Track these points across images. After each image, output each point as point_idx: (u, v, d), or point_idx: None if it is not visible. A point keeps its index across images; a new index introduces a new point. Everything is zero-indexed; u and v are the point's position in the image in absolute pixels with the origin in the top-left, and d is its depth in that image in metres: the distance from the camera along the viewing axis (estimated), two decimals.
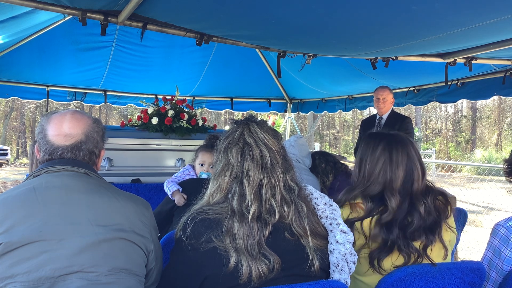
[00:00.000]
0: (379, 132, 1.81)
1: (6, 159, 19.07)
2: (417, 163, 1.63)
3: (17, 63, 4.76)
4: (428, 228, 1.55)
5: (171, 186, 2.51)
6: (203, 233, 1.23)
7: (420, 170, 1.62)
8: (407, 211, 1.56)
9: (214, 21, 2.67)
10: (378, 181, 1.62)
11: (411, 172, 1.61)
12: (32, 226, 1.15)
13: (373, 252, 1.52)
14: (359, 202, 1.62)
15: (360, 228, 1.56)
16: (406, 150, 1.63)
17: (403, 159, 1.62)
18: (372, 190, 1.62)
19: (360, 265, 1.56)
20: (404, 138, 1.69)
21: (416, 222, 1.54)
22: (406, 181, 1.60)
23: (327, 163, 3.18)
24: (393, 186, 1.59)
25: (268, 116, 9.12)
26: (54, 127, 1.36)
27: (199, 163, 2.63)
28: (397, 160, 1.62)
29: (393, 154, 1.63)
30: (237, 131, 1.37)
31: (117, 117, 28.78)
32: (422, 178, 1.62)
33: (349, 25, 2.46)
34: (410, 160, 1.62)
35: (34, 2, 2.38)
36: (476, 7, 1.97)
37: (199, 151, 2.66)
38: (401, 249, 1.51)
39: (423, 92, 4.96)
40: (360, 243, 1.56)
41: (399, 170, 1.60)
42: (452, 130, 30.56)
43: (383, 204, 1.58)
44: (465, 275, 1.49)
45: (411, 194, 1.59)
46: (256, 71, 5.94)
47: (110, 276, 1.18)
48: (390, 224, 1.52)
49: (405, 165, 1.61)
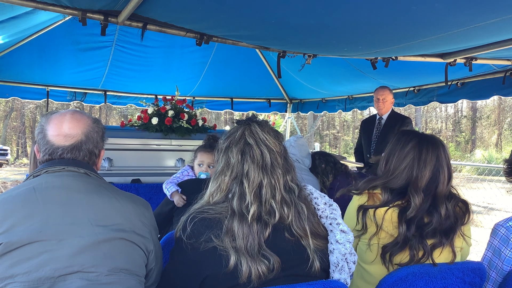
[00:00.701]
0: (413, 130, 1.83)
1: (6, 159, 19.07)
2: (445, 166, 1.64)
3: (17, 63, 4.76)
4: (443, 231, 1.56)
5: (170, 187, 2.51)
6: (203, 233, 1.23)
7: (447, 174, 1.64)
8: (427, 211, 1.57)
9: (214, 21, 2.67)
10: (402, 176, 1.64)
11: (437, 174, 1.62)
12: (32, 226, 1.15)
13: (387, 245, 1.54)
14: (378, 193, 1.64)
15: (373, 216, 1.58)
16: (436, 152, 1.65)
17: (431, 160, 1.63)
18: (393, 183, 1.64)
19: (370, 253, 1.59)
20: (437, 140, 1.71)
21: (434, 223, 1.55)
22: (431, 182, 1.61)
23: (327, 164, 3.17)
24: (418, 183, 1.61)
25: (268, 116, 9.12)
26: (54, 127, 1.36)
27: (198, 163, 2.64)
28: (425, 160, 1.63)
29: (423, 153, 1.64)
30: (238, 131, 1.37)
31: (117, 117, 28.78)
32: (447, 182, 1.63)
33: (349, 25, 2.46)
34: (438, 162, 1.64)
35: (34, 2, 2.38)
36: (476, 7, 1.97)
37: (198, 152, 2.67)
38: (413, 247, 1.52)
39: (423, 92, 4.96)
40: (372, 231, 1.58)
41: (426, 170, 1.62)
42: (452, 130, 30.56)
43: (400, 199, 1.60)
44: (465, 275, 1.49)
45: (435, 195, 1.61)
46: (256, 71, 5.94)
47: (110, 276, 1.18)
48: (409, 221, 1.54)
49: (433, 166, 1.63)
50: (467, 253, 1.74)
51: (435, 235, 1.55)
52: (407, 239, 1.53)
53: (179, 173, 2.76)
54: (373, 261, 1.59)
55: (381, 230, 1.57)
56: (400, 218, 1.56)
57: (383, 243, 1.57)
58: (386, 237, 1.57)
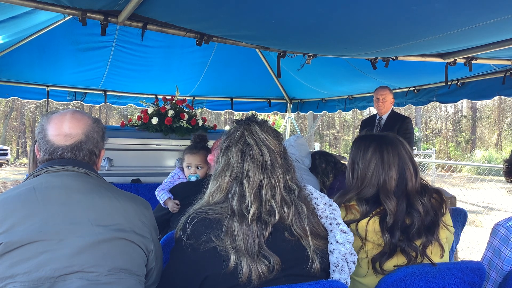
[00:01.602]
0: (369, 134, 1.79)
1: (6, 159, 19.07)
2: (409, 162, 1.62)
3: (17, 63, 4.76)
4: (426, 228, 1.54)
5: (162, 195, 2.49)
6: (203, 233, 1.23)
7: (413, 169, 1.61)
8: (406, 212, 1.55)
9: (214, 21, 2.67)
10: (372, 183, 1.61)
11: (403, 172, 1.60)
12: (32, 226, 1.15)
13: (375, 256, 1.52)
14: (354, 204, 1.61)
15: (356, 230, 1.54)
16: (397, 150, 1.62)
17: (394, 160, 1.61)
18: (366, 192, 1.61)
19: (360, 268, 1.56)
20: (394, 139, 1.68)
21: (416, 223, 1.53)
22: (400, 182, 1.59)
23: (327, 163, 3.17)
24: (387, 187, 1.58)
25: (268, 116, 9.12)
26: (54, 127, 1.36)
27: (186, 166, 2.63)
28: (388, 161, 1.60)
29: (384, 155, 1.61)
30: (238, 131, 1.37)
31: (117, 117, 28.77)
32: (415, 177, 1.61)
33: (349, 25, 2.46)
34: (401, 160, 1.61)
35: (34, 2, 2.38)
36: (476, 7, 1.97)
37: (185, 154, 2.65)
38: (405, 251, 1.50)
39: (423, 92, 4.96)
40: (357, 245, 1.54)
41: (392, 171, 1.59)
42: (452, 130, 30.55)
43: (378, 206, 1.57)
44: (465, 275, 1.49)
45: (407, 194, 1.58)
46: (256, 71, 5.94)
47: (110, 276, 1.18)
48: (392, 227, 1.51)
49: (397, 165, 1.60)
50: (451, 240, 1.72)
51: (420, 234, 1.53)
52: (394, 246, 1.50)
53: (170, 177, 2.75)
54: (365, 275, 1.56)
55: (367, 241, 1.54)
56: (382, 227, 1.52)
57: (371, 254, 1.54)
58: (373, 247, 1.54)
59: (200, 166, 2.57)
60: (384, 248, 1.51)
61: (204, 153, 2.58)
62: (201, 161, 2.57)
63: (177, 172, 2.76)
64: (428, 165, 13.25)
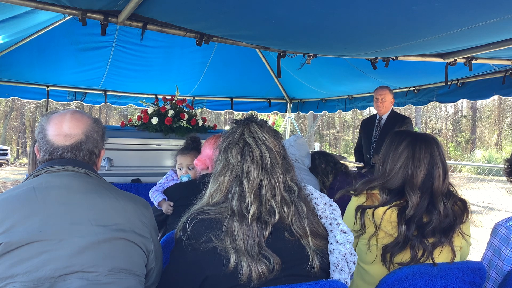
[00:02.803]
0: (405, 130, 1.85)
1: (6, 159, 19.07)
2: (439, 163, 1.65)
3: (17, 63, 4.75)
4: (442, 230, 1.56)
5: (156, 197, 2.51)
6: (203, 233, 1.23)
7: (442, 170, 1.64)
8: (426, 209, 1.58)
9: (214, 21, 2.67)
10: (398, 176, 1.65)
11: (432, 171, 1.63)
12: (32, 226, 1.15)
13: (388, 246, 1.54)
14: (376, 193, 1.65)
15: (372, 216, 1.58)
16: (430, 149, 1.66)
17: (425, 157, 1.64)
18: (391, 183, 1.65)
19: (369, 253, 1.58)
20: (430, 138, 1.72)
21: (434, 222, 1.55)
22: (427, 179, 1.62)
23: (327, 163, 3.17)
24: (414, 181, 1.61)
25: (268, 116, 9.12)
26: (54, 127, 1.36)
27: (178, 167, 2.66)
28: (419, 157, 1.64)
29: (416, 151, 1.66)
30: (237, 131, 1.37)
31: (117, 117, 28.77)
32: (443, 178, 1.64)
33: (349, 25, 2.46)
34: (432, 159, 1.65)
35: (34, 2, 2.38)
36: (476, 7, 1.97)
37: (176, 155, 2.69)
38: (414, 247, 1.52)
39: (423, 92, 4.96)
40: (370, 231, 1.58)
41: (421, 167, 1.63)
42: (452, 130, 30.55)
43: (399, 198, 1.61)
44: (465, 275, 1.49)
45: (432, 193, 1.61)
46: (256, 71, 5.94)
47: (110, 276, 1.18)
48: (409, 220, 1.54)
49: (427, 163, 1.64)
50: (467, 253, 1.74)
51: (434, 234, 1.55)
52: (407, 239, 1.53)
53: (164, 178, 2.77)
54: (373, 262, 1.58)
55: (380, 230, 1.57)
56: (400, 218, 1.56)
57: (382, 243, 1.57)
58: (385, 237, 1.57)
59: (191, 167, 2.60)
60: (397, 239, 1.54)
61: (195, 154, 2.60)
62: (192, 161, 2.59)
63: (171, 173, 2.79)
64: None
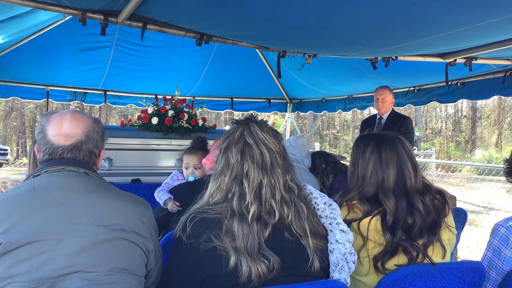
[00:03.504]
0: (368, 133, 1.80)
1: (6, 159, 19.07)
2: (407, 161, 1.62)
3: (17, 63, 4.76)
4: (428, 228, 1.54)
5: (162, 196, 2.51)
6: (202, 233, 1.23)
7: (412, 167, 1.61)
8: (407, 211, 1.55)
9: (214, 21, 2.67)
10: (372, 182, 1.61)
11: (401, 170, 1.59)
12: (32, 226, 1.15)
13: (377, 255, 1.52)
14: (356, 203, 1.61)
15: (357, 228, 1.54)
16: (395, 149, 1.62)
17: (392, 158, 1.61)
18: (367, 191, 1.61)
19: (361, 267, 1.56)
20: (393, 137, 1.68)
21: (418, 222, 1.53)
22: (398, 180, 1.58)
23: (327, 164, 3.17)
24: (386, 186, 1.58)
25: (268, 116, 9.12)
26: (54, 127, 1.36)
27: (184, 167, 2.67)
28: (386, 160, 1.61)
29: (382, 154, 1.62)
30: (237, 131, 1.37)
31: (117, 117, 28.77)
32: (415, 176, 1.60)
33: (349, 25, 2.46)
34: (400, 158, 1.61)
35: (34, 2, 2.38)
36: (476, 7, 1.97)
37: (183, 155, 2.70)
38: (407, 250, 1.50)
39: (423, 92, 4.96)
40: (358, 243, 1.55)
41: (390, 169, 1.59)
42: (452, 130, 30.54)
43: (380, 205, 1.57)
44: (465, 275, 1.49)
45: (407, 193, 1.58)
46: (256, 71, 5.94)
47: (110, 276, 1.18)
48: (392, 226, 1.51)
49: (395, 163, 1.60)
50: (453, 241, 1.72)
51: (422, 234, 1.52)
52: (396, 246, 1.50)
53: (169, 178, 2.78)
54: (367, 273, 1.56)
55: (368, 240, 1.53)
56: (383, 226, 1.52)
57: (372, 253, 1.53)
58: (375, 247, 1.54)
59: (198, 166, 2.61)
60: (386, 247, 1.51)
61: (201, 154, 2.61)
62: (199, 161, 2.60)
63: (176, 173, 2.79)
64: (428, 165, 13.25)
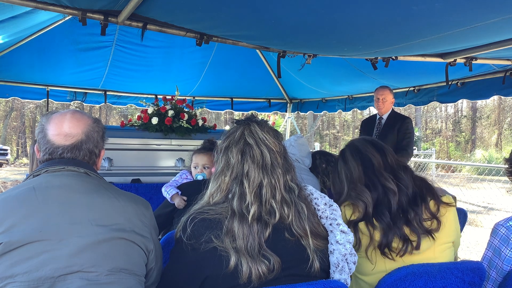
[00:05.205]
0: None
1: (6, 159, 19.07)
2: (371, 147, 1.75)
3: (17, 63, 4.76)
4: (413, 200, 1.61)
5: (169, 190, 2.53)
6: (203, 233, 1.23)
7: (375, 150, 1.73)
8: (383, 192, 1.62)
9: (214, 21, 2.68)
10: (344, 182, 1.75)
11: (367, 157, 1.72)
12: (32, 226, 1.15)
13: (381, 241, 1.55)
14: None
15: (365, 227, 1.58)
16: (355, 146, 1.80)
17: (354, 154, 1.76)
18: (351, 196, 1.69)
19: (365, 265, 1.58)
20: (351, 142, 1.86)
21: (399, 198, 1.60)
22: (365, 167, 1.71)
23: (328, 163, 3.17)
24: (354, 180, 1.70)
25: (268, 116, 9.12)
26: (54, 126, 1.36)
27: (193, 166, 2.70)
28: (348, 158, 1.78)
29: (346, 156, 1.79)
30: (238, 131, 1.37)
31: (117, 117, 28.77)
32: (381, 156, 1.72)
33: (349, 25, 2.46)
34: (361, 153, 1.75)
35: (34, 2, 2.38)
36: (476, 7, 1.97)
37: (193, 155, 2.74)
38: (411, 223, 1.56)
39: (423, 92, 4.96)
40: (365, 242, 1.58)
41: (356, 164, 1.73)
42: (452, 130, 30.55)
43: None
44: (465, 275, 1.49)
45: (376, 175, 1.67)
46: (256, 71, 5.94)
47: (110, 276, 1.18)
48: (379, 213, 1.58)
49: (359, 159, 1.73)
50: (458, 243, 1.75)
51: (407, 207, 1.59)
52: (391, 226, 1.55)
53: (178, 176, 2.79)
54: (371, 271, 1.58)
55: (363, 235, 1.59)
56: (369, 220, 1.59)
57: (372, 246, 1.58)
58: (368, 241, 1.59)
59: (207, 166, 2.65)
60: (384, 231, 1.56)
61: (211, 154, 2.62)
62: (208, 161, 2.64)
63: (184, 172, 2.82)
64: (428, 165, 13.25)
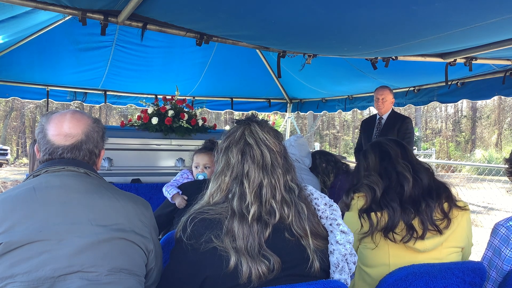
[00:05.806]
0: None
1: (6, 159, 19.06)
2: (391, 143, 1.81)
3: (17, 63, 4.75)
4: (427, 191, 1.64)
5: (170, 190, 2.53)
6: (203, 233, 1.23)
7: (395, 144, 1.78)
8: (396, 179, 1.66)
9: (214, 21, 2.67)
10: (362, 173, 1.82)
11: (385, 148, 1.78)
12: (32, 226, 1.15)
13: (386, 225, 1.59)
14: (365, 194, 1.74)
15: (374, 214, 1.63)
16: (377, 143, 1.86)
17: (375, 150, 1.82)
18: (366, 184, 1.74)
19: (370, 256, 1.62)
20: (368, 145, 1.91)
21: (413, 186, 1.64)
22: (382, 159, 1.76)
23: (328, 163, 3.18)
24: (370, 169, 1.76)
25: (268, 116, 9.12)
26: (54, 127, 1.36)
27: (194, 166, 2.70)
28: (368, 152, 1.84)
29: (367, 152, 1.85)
30: (238, 131, 1.37)
31: (117, 117, 28.78)
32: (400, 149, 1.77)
33: (349, 25, 2.46)
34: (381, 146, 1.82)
35: (34, 2, 2.38)
36: (476, 7, 1.97)
37: (194, 155, 2.74)
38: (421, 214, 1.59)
39: (423, 92, 4.96)
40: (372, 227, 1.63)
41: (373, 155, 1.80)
42: (452, 130, 30.55)
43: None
44: (465, 275, 1.49)
45: (393, 164, 1.72)
46: (256, 71, 5.94)
47: (110, 276, 1.18)
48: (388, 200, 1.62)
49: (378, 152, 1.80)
50: (468, 252, 1.75)
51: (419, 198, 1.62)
52: (396, 210, 1.59)
53: (178, 176, 2.79)
54: (375, 265, 1.58)
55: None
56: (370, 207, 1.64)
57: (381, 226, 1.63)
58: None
59: (208, 166, 2.65)
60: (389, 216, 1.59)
61: (211, 154, 2.62)
62: (209, 161, 2.65)
63: (185, 171, 2.82)
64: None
